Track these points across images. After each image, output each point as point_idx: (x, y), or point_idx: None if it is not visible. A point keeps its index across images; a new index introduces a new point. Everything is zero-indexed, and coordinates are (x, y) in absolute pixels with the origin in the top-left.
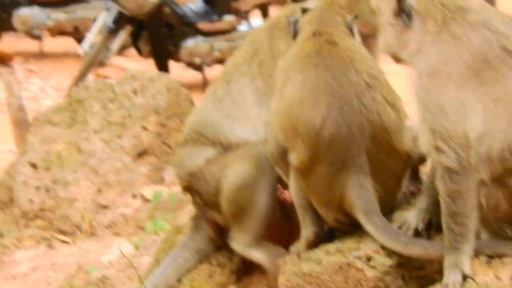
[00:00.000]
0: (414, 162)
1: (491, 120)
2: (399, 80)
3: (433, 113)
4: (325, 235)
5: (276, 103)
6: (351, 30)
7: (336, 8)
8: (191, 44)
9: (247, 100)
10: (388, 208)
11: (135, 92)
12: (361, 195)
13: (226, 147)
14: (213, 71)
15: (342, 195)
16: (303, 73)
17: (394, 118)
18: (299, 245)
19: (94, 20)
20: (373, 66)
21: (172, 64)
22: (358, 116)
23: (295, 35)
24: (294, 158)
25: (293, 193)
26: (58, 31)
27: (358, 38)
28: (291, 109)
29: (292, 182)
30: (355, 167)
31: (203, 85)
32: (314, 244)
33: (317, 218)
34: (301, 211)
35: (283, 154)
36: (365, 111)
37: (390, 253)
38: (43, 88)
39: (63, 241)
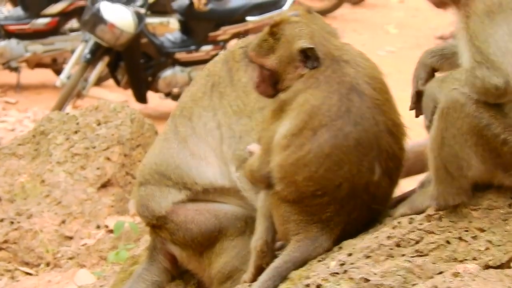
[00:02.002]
0: None
1: None
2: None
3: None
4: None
5: (287, 142)
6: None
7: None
8: (169, 74)
9: (212, 135)
10: None
11: (99, 123)
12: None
13: (192, 190)
14: None
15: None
16: (330, 130)
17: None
18: (248, 272)
19: (72, 51)
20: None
21: (150, 95)
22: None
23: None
24: (285, 191)
25: (260, 204)
26: (36, 63)
27: None
28: (312, 159)
29: (263, 196)
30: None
31: None
32: (264, 253)
33: (271, 230)
34: (259, 221)
35: (266, 178)
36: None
37: (338, 280)
38: (21, 120)
39: (27, 273)
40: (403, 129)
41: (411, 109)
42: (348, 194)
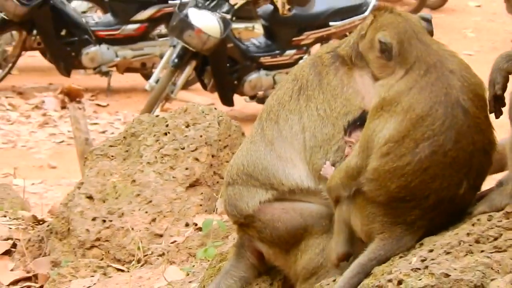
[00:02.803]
0: None
1: None
2: None
3: None
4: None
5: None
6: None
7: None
8: (254, 77)
9: (297, 139)
10: None
11: (187, 125)
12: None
13: (279, 191)
14: None
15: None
16: (432, 146)
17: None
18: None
19: (161, 56)
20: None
21: (236, 98)
22: None
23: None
24: (374, 193)
25: (338, 213)
26: (126, 68)
27: None
28: (409, 171)
29: (344, 205)
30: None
31: None
32: (341, 261)
33: (351, 240)
34: (337, 227)
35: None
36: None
37: (419, 275)
38: (112, 122)
39: (118, 270)
40: (496, 146)
41: (490, 112)
42: (434, 203)
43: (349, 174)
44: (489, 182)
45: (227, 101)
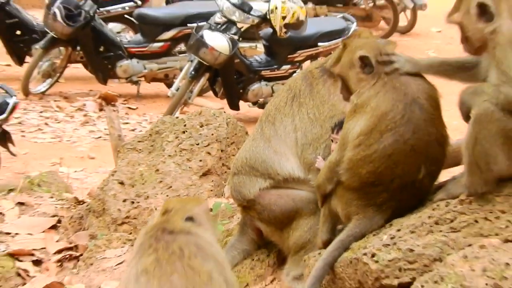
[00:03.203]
0: None
1: None
2: None
3: None
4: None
5: (366, 139)
6: None
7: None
8: (256, 87)
9: (290, 137)
10: None
11: (201, 125)
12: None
13: (275, 180)
14: None
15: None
16: (394, 135)
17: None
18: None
19: (180, 69)
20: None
21: (241, 104)
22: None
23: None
24: (350, 180)
25: (325, 207)
26: (152, 78)
27: None
28: (376, 157)
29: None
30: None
31: None
32: (325, 245)
33: (333, 229)
34: (323, 219)
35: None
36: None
37: (389, 250)
38: (140, 122)
39: None
40: (448, 140)
41: None
42: (398, 186)
43: (331, 168)
44: (447, 175)
45: (234, 106)
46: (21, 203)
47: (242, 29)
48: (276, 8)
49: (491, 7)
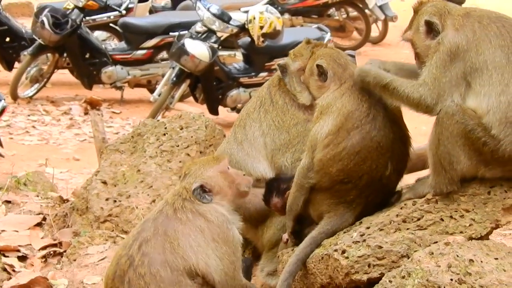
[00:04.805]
0: None
1: None
2: None
3: None
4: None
5: (331, 140)
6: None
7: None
8: (234, 93)
9: (258, 142)
10: None
11: (181, 128)
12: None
13: None
14: None
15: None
16: (361, 133)
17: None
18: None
19: (162, 75)
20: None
21: (220, 109)
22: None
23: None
24: (321, 181)
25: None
26: (135, 84)
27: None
28: (345, 155)
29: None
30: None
31: None
32: (286, 244)
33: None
34: (289, 214)
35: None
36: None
37: (359, 246)
38: (123, 126)
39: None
40: (410, 140)
41: None
42: (367, 183)
43: (302, 174)
44: (414, 177)
45: (213, 111)
46: (7, 202)
47: (221, 38)
48: (254, 18)
49: (437, 24)
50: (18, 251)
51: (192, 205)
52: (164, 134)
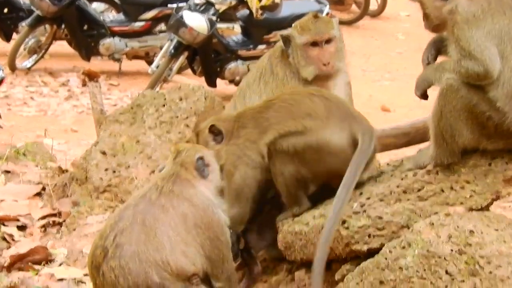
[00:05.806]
0: None
1: None
2: None
3: None
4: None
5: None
6: None
7: None
8: (233, 66)
9: None
10: None
11: (180, 99)
12: None
13: None
14: None
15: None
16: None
17: None
18: (287, 214)
19: (161, 47)
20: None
21: (218, 81)
22: None
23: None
24: None
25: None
26: (133, 55)
27: None
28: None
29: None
30: None
31: None
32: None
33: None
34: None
35: None
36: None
37: (359, 217)
38: (121, 98)
39: None
40: None
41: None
42: None
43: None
44: (415, 149)
45: (212, 83)
46: (7, 171)
47: (220, 11)
48: None
49: None
50: (18, 220)
51: (180, 188)
52: (164, 105)
